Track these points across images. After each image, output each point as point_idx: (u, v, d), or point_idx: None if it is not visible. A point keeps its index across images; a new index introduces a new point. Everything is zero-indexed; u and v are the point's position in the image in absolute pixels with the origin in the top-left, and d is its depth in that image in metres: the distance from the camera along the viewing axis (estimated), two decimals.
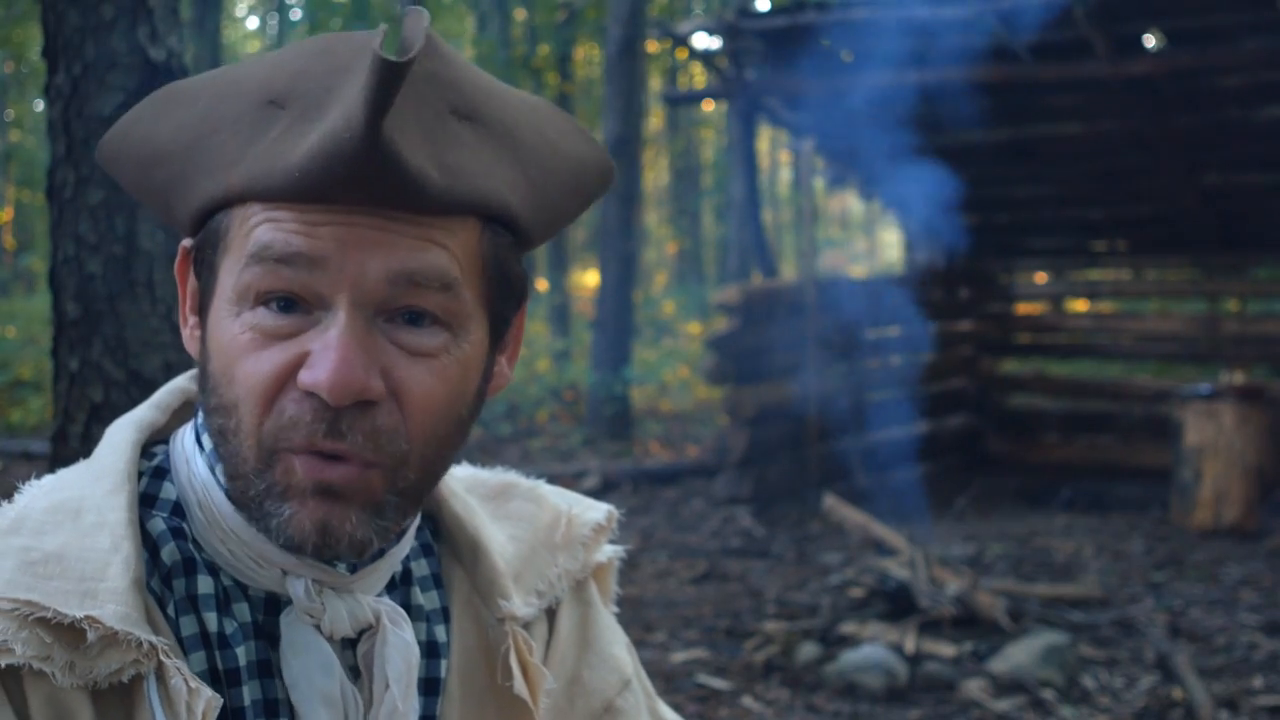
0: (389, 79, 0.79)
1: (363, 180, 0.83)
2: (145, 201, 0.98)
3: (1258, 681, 4.78)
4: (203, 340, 0.92)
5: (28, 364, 13.82)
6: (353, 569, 0.95)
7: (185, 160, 0.90)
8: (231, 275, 0.88)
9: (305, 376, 0.85)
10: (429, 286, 0.87)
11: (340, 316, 0.85)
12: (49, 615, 0.83)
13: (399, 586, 1.02)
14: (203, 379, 0.91)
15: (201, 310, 0.92)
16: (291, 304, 0.86)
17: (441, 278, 0.87)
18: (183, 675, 0.84)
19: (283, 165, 0.84)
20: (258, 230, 0.86)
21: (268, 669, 0.93)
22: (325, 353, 0.84)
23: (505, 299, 0.96)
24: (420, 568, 1.04)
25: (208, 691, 0.85)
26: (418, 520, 1.01)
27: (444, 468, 0.95)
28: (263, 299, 0.86)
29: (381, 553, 0.96)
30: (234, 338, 0.87)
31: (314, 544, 0.87)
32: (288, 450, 0.86)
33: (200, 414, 0.97)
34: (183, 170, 0.90)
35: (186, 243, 0.95)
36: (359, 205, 0.85)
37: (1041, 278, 11.43)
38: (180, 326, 0.97)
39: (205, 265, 0.91)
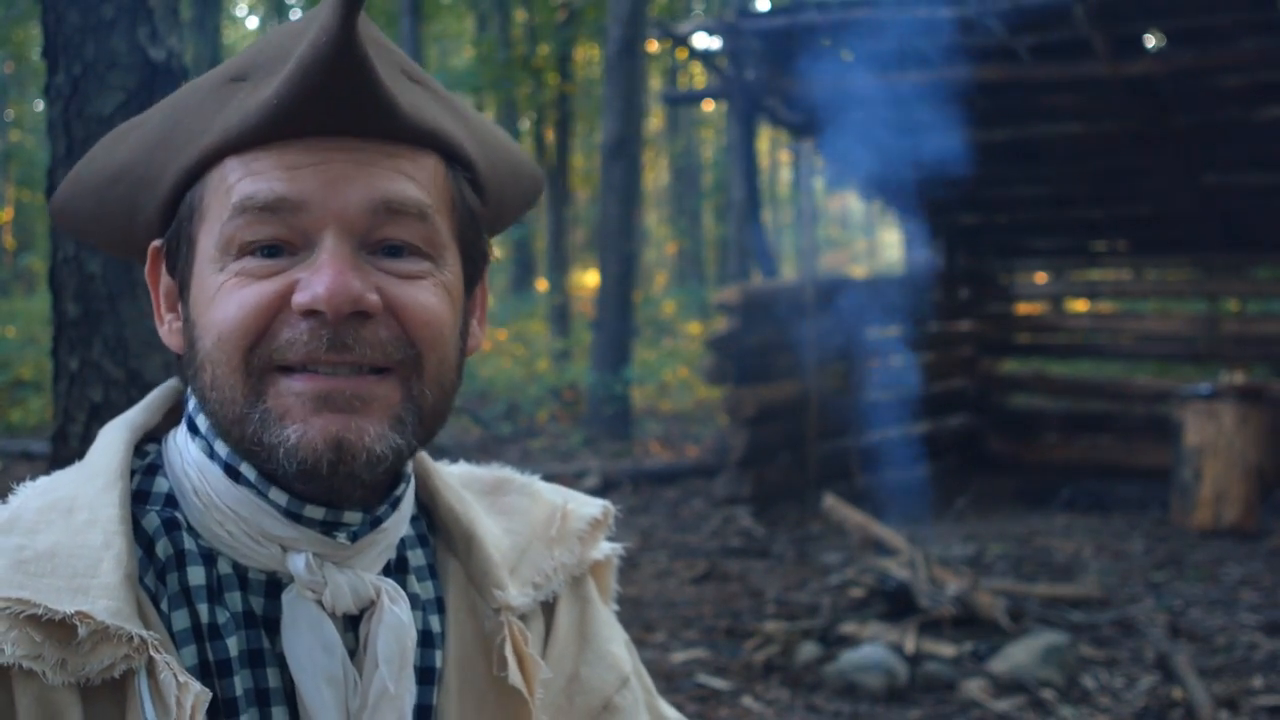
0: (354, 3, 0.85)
1: (339, 94, 0.87)
2: (100, 234, 1.02)
3: (1258, 681, 4.78)
4: (186, 318, 0.95)
5: (28, 364, 13.82)
6: (353, 538, 0.95)
7: (150, 160, 0.96)
8: (212, 235, 0.91)
9: (300, 297, 0.88)
10: (407, 214, 0.91)
11: (328, 242, 0.89)
12: (40, 612, 0.83)
13: (395, 574, 1.02)
14: (190, 356, 0.94)
15: (182, 294, 0.96)
16: (276, 249, 0.90)
17: (417, 205, 0.92)
18: (172, 669, 0.85)
19: (256, 104, 0.89)
20: (239, 185, 0.90)
21: (259, 659, 0.93)
22: (318, 272, 0.88)
23: (475, 238, 1.00)
24: (416, 557, 1.05)
25: (196, 685, 0.85)
26: (413, 504, 1.03)
27: (450, 398, 0.97)
28: (247, 249, 0.90)
29: (379, 522, 0.97)
30: (218, 286, 0.90)
31: (328, 460, 0.88)
32: (281, 370, 0.89)
33: (189, 405, 0.98)
34: (147, 169, 0.95)
35: (156, 243, 0.99)
36: (333, 136, 0.89)
37: (1041, 278, 11.43)
38: (158, 328, 1.01)
39: (181, 247, 0.95)
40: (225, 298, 0.90)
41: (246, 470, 0.93)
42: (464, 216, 0.98)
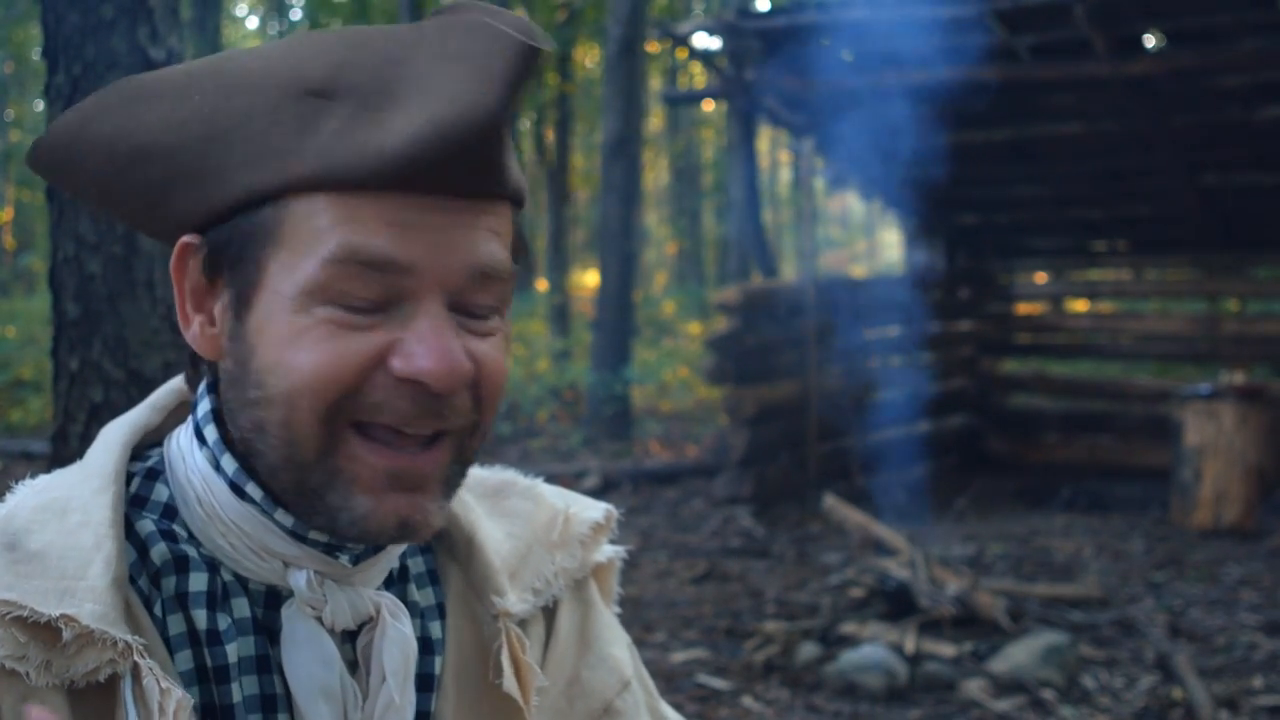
0: (530, 62, 0.82)
1: (469, 163, 0.84)
2: (106, 202, 0.95)
3: (1258, 681, 4.77)
4: (236, 336, 0.90)
5: (28, 364, 13.83)
6: (355, 561, 0.95)
7: (200, 152, 0.88)
8: (294, 272, 0.86)
9: (405, 365, 0.85)
10: (496, 278, 0.89)
11: (430, 307, 0.87)
12: (25, 614, 0.83)
13: (396, 583, 1.02)
14: (238, 375, 0.89)
15: (237, 307, 0.89)
16: (372, 303, 0.87)
17: (506, 270, 0.90)
18: (155, 675, 0.84)
19: (374, 150, 0.84)
20: (339, 231, 0.85)
21: (265, 664, 0.93)
22: (424, 342, 0.86)
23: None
24: (416, 564, 1.04)
25: (179, 691, 0.85)
26: None
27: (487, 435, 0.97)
28: (341, 298, 0.86)
29: (381, 547, 0.96)
30: (302, 329, 0.86)
31: (391, 535, 0.89)
32: (356, 425, 0.87)
33: (198, 411, 0.96)
34: (196, 163, 0.88)
35: (191, 239, 0.91)
36: (442, 193, 0.86)
37: (1041, 278, 11.43)
38: (181, 325, 0.94)
39: (242, 264, 0.89)
40: (313, 344, 0.85)
41: (252, 490, 0.91)
42: (518, 259, 0.96)
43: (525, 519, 1.12)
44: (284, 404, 0.86)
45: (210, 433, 0.94)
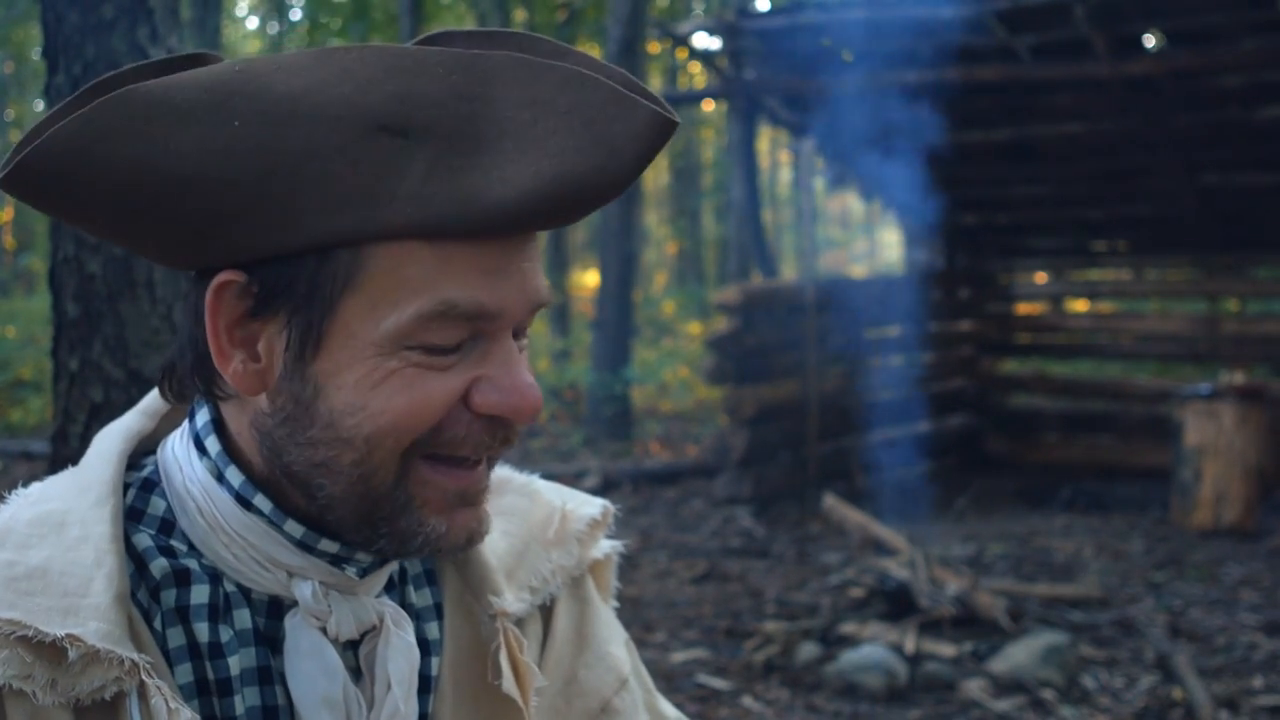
0: (667, 137, 0.84)
1: (568, 216, 0.86)
2: (115, 230, 0.87)
3: (1258, 681, 4.78)
4: (296, 376, 0.87)
5: (28, 364, 13.83)
6: (362, 574, 0.95)
7: (257, 189, 0.82)
8: (377, 317, 0.84)
9: (493, 402, 0.88)
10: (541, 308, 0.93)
11: (505, 343, 0.89)
12: (30, 634, 0.82)
13: (395, 586, 1.02)
14: (295, 413, 0.87)
15: (303, 348, 0.86)
16: (456, 347, 0.88)
17: (549, 300, 0.93)
18: (163, 695, 0.84)
19: (480, 203, 0.82)
20: (436, 284, 0.84)
21: (267, 675, 0.92)
22: (507, 379, 0.88)
23: None
24: (413, 565, 1.04)
25: (187, 711, 0.84)
26: None
27: None
28: (427, 343, 0.86)
29: (386, 560, 0.97)
30: (388, 373, 0.85)
31: (460, 549, 0.93)
32: (429, 459, 0.89)
33: (196, 420, 0.95)
34: (253, 201, 0.82)
35: (235, 276, 0.86)
36: (522, 236, 0.87)
37: (1041, 278, 11.42)
38: (217, 360, 0.89)
39: (309, 304, 0.85)
40: (399, 388, 0.85)
41: (260, 502, 0.91)
42: None
43: (521, 516, 1.12)
44: (364, 445, 0.86)
45: (212, 444, 0.93)
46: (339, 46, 0.86)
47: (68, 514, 0.91)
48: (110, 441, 0.97)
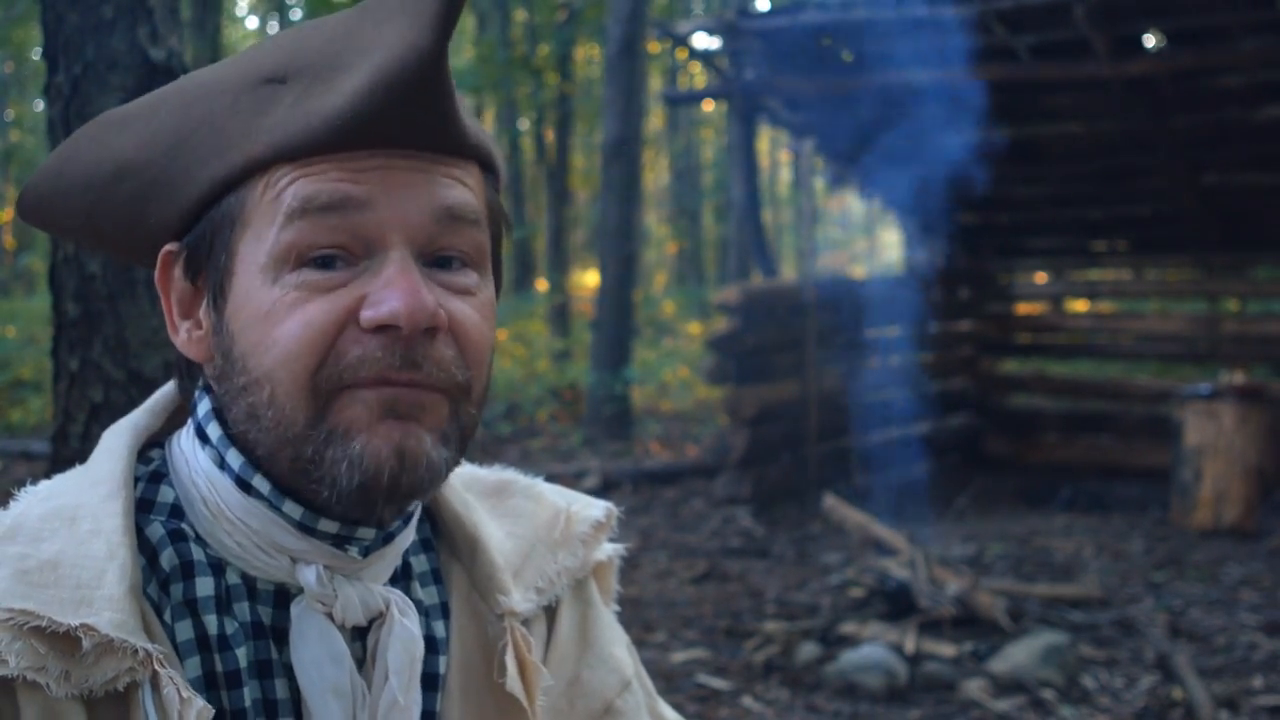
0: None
1: (415, 110, 0.86)
2: (86, 232, 0.97)
3: (1258, 681, 4.77)
4: (219, 330, 0.91)
5: (28, 364, 13.83)
6: (364, 552, 0.94)
7: (168, 160, 0.91)
8: (262, 244, 0.88)
9: (373, 312, 0.86)
10: (465, 220, 0.91)
11: (395, 255, 0.88)
12: (44, 624, 0.82)
13: (400, 581, 1.01)
14: (224, 367, 0.91)
15: (215, 303, 0.91)
16: (332, 259, 0.88)
17: (474, 211, 0.92)
18: (175, 685, 0.84)
19: (322, 115, 0.86)
20: (294, 187, 0.87)
21: (267, 669, 0.92)
22: (390, 287, 0.86)
23: (499, 253, 1.00)
24: (420, 563, 1.04)
25: (199, 701, 0.84)
26: (419, 512, 1.02)
27: (482, 413, 0.97)
28: (304, 259, 0.87)
29: (390, 537, 0.96)
30: (275, 301, 0.87)
31: (391, 469, 0.87)
32: (351, 387, 0.87)
33: (198, 411, 0.96)
34: (165, 171, 0.91)
35: (170, 247, 0.94)
36: (397, 148, 0.88)
37: (1041, 278, 11.43)
38: (171, 335, 0.96)
39: (215, 256, 0.91)
40: (287, 314, 0.86)
41: (259, 483, 0.91)
42: (496, 227, 0.97)
43: (527, 518, 1.12)
44: (268, 380, 0.87)
45: (214, 430, 0.94)
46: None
47: (79, 508, 0.91)
48: (118, 437, 0.98)
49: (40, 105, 22.93)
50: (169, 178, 0.91)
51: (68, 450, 2.84)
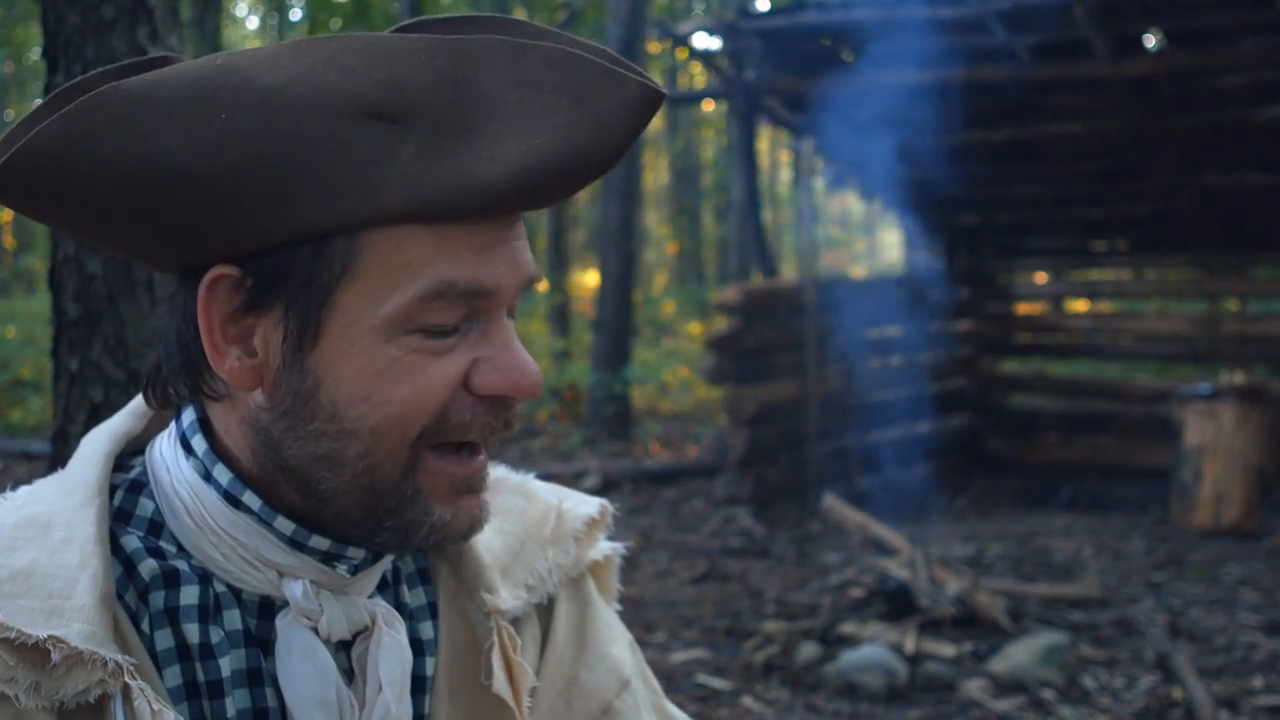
0: (653, 107, 0.85)
1: (559, 193, 0.86)
2: (98, 231, 0.87)
3: (1258, 681, 4.78)
4: (293, 368, 0.86)
5: (28, 364, 13.83)
6: (353, 571, 0.94)
7: (242, 183, 0.81)
8: (377, 303, 0.85)
9: (493, 382, 0.88)
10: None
11: (503, 323, 0.90)
12: (12, 636, 0.81)
13: (389, 585, 1.01)
14: (294, 406, 0.87)
15: (300, 340, 0.86)
16: (451, 330, 0.88)
17: (539, 276, 0.93)
18: (145, 697, 0.83)
19: (474, 183, 0.83)
20: (432, 269, 0.85)
21: (257, 677, 0.91)
22: (506, 358, 0.89)
23: None
24: (406, 564, 1.03)
25: (170, 713, 0.84)
26: None
27: None
28: (426, 326, 0.86)
29: (379, 556, 0.96)
30: (391, 361, 0.86)
31: (464, 537, 0.93)
32: (435, 449, 0.89)
33: (183, 420, 0.95)
34: (245, 189, 0.82)
35: (227, 270, 0.86)
36: (513, 215, 0.89)
37: (1041, 278, 11.42)
38: (211, 357, 0.88)
39: (305, 294, 0.85)
40: (406, 376, 0.86)
41: (250, 499, 0.90)
42: None
43: (517, 515, 1.11)
44: (369, 436, 0.86)
45: (199, 443, 0.92)
46: (317, 37, 0.86)
47: (53, 516, 0.90)
48: (96, 443, 0.97)
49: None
50: (248, 201, 0.82)
51: (68, 450, 2.83)
